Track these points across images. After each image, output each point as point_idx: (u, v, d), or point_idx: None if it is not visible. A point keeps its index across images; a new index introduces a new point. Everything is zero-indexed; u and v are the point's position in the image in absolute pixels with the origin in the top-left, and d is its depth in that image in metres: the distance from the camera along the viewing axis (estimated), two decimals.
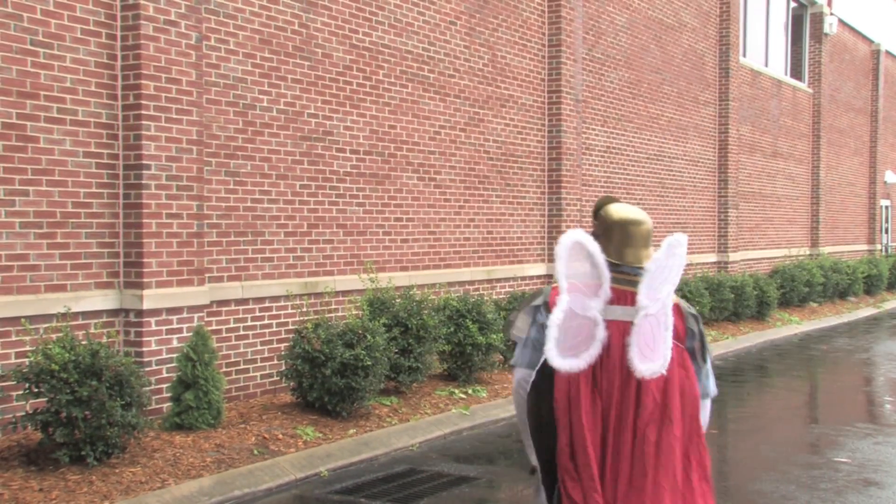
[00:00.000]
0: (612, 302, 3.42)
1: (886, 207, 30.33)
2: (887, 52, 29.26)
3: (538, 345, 3.47)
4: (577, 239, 3.42)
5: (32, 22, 6.68)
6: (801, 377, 11.92)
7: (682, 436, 3.38)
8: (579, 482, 3.29)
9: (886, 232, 30.39)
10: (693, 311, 3.51)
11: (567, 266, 3.48)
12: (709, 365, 3.54)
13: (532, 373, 3.48)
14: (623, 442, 3.30)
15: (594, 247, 3.39)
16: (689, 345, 3.45)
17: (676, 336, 3.37)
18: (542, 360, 3.41)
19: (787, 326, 16.48)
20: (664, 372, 3.28)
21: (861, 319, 19.05)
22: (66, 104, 6.90)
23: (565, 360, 3.33)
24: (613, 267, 3.42)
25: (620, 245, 3.49)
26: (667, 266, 3.33)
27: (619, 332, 3.36)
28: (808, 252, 22.85)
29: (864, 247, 27.69)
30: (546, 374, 3.40)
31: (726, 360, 13.08)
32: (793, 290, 18.47)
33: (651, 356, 3.29)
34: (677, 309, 3.43)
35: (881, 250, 29.07)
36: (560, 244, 3.47)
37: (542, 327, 3.47)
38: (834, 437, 8.15)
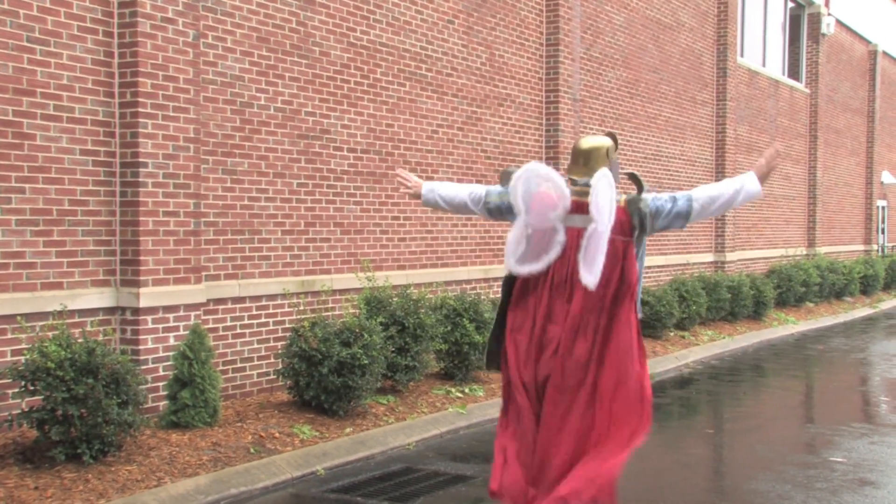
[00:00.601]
0: (571, 211, 4.34)
1: (883, 208, 30.38)
2: (884, 53, 29.29)
3: (493, 204, 4.65)
4: (529, 167, 4.32)
5: (28, 18, 6.66)
6: (797, 377, 11.94)
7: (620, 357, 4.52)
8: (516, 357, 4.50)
9: (883, 232, 30.43)
10: (638, 199, 4.44)
11: (525, 189, 4.27)
12: (664, 201, 4.53)
13: (476, 202, 4.72)
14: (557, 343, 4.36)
15: (546, 169, 4.33)
16: (635, 234, 4.47)
17: (622, 232, 4.38)
18: (490, 209, 4.68)
19: (784, 326, 16.49)
20: (593, 288, 4.17)
21: (857, 319, 19.07)
22: (63, 101, 6.88)
23: (524, 266, 4.31)
24: (571, 182, 4.45)
25: (573, 164, 4.57)
26: (601, 182, 4.25)
27: (575, 236, 4.32)
28: (804, 252, 22.88)
29: (861, 247, 27.73)
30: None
31: (723, 359, 13.09)
32: (789, 290, 18.48)
33: (591, 270, 4.14)
34: (622, 209, 4.38)
35: (877, 251, 29.11)
36: (516, 174, 4.32)
37: (500, 202, 4.60)
38: (830, 437, 8.16)
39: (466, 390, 9.21)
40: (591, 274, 4.16)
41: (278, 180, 8.71)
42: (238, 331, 8.32)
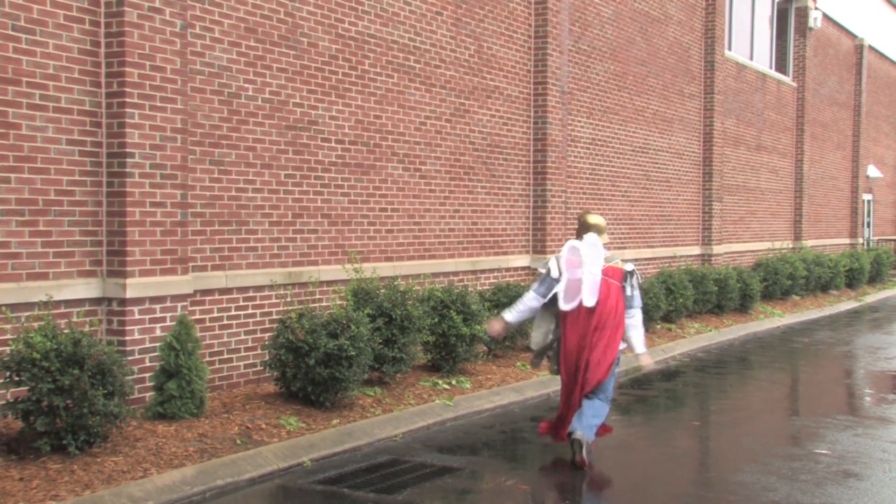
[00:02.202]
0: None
1: (868, 202, 30.54)
2: (871, 47, 29.41)
3: (546, 291, 7.14)
4: (572, 244, 7.10)
5: (14, 7, 6.61)
6: (783, 370, 12.00)
7: (613, 330, 7.00)
8: (565, 357, 7.09)
9: (868, 226, 30.60)
10: (629, 268, 7.14)
11: (567, 255, 7.05)
12: (637, 292, 7.14)
13: (540, 298, 7.17)
14: (587, 335, 6.96)
15: (577, 243, 7.10)
16: (626, 289, 7.07)
17: (617, 279, 7.04)
18: (549, 295, 7.12)
19: (770, 319, 16.57)
20: (592, 305, 6.92)
21: (842, 312, 19.19)
22: (49, 91, 6.84)
23: (567, 304, 6.98)
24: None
25: (589, 233, 7.18)
26: (591, 253, 6.99)
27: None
28: (791, 245, 22.98)
29: (847, 240, 27.88)
30: (554, 303, 7.11)
31: (709, 352, 13.15)
32: (776, 283, 18.57)
33: (590, 297, 6.91)
34: (619, 270, 7.08)
35: (863, 244, 29.27)
36: (564, 247, 7.13)
37: (549, 284, 7.14)
38: (814, 429, 8.21)
39: (453, 382, 9.22)
40: (591, 298, 6.98)
41: (266, 171, 8.68)
42: (225, 322, 8.30)
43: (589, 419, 6.80)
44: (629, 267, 7.12)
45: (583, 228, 7.25)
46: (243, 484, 6.20)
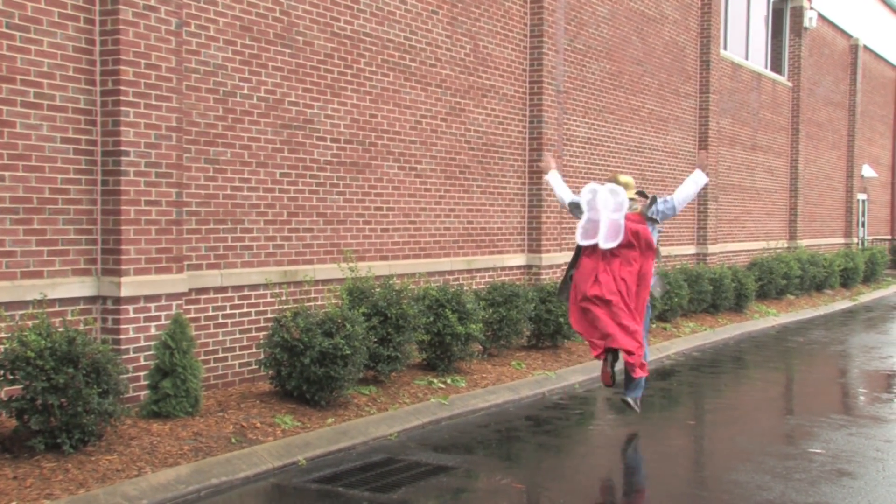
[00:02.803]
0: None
1: (863, 201, 30.60)
2: (865, 47, 29.47)
3: (572, 207, 8.08)
4: (591, 186, 7.83)
5: (8, 4, 6.60)
6: (777, 369, 12.02)
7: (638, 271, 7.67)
8: (578, 286, 7.72)
9: (863, 225, 30.67)
10: (647, 209, 7.79)
11: (587, 199, 7.73)
12: (665, 200, 7.93)
13: (567, 199, 8.27)
14: (602, 270, 7.63)
15: (596, 185, 7.80)
16: (656, 213, 7.81)
17: (640, 221, 7.64)
18: (571, 208, 8.11)
19: (765, 318, 16.60)
20: (609, 247, 7.59)
21: (837, 312, 19.22)
22: (44, 89, 6.83)
23: (584, 240, 7.65)
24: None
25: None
26: (609, 199, 7.64)
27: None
28: (785, 245, 23.02)
29: (841, 240, 27.94)
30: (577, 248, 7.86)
31: (704, 351, 13.17)
32: (770, 282, 18.60)
33: (606, 240, 7.55)
34: (637, 215, 7.73)
35: (857, 244, 29.33)
36: (584, 188, 7.84)
37: (577, 207, 7.94)
38: (809, 428, 8.23)
39: (448, 381, 9.22)
40: (608, 241, 7.63)
41: (261, 170, 8.68)
42: (220, 321, 8.29)
43: (635, 385, 8.02)
44: (645, 207, 7.83)
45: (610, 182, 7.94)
46: (238, 483, 6.19)
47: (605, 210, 7.61)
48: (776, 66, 23.47)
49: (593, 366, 10.93)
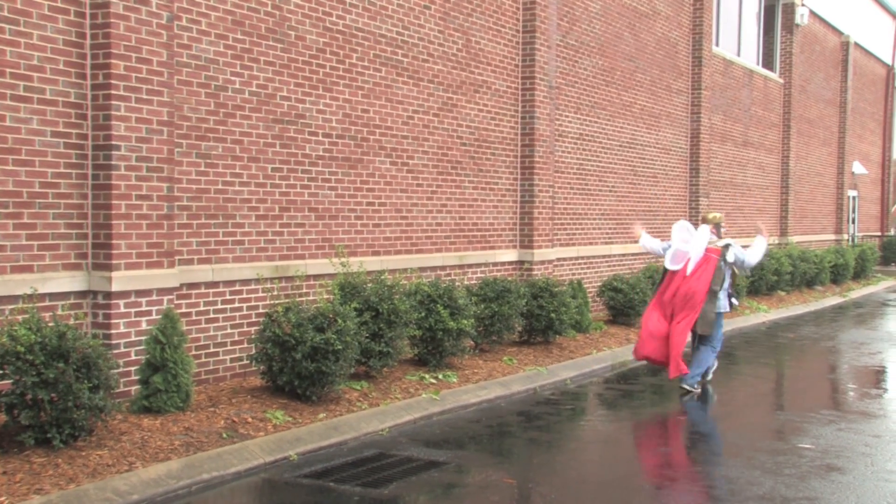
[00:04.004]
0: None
1: (853, 198, 30.70)
2: (856, 44, 29.55)
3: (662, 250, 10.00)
4: (681, 223, 9.93)
5: None
6: (768, 365, 12.05)
7: (700, 294, 9.55)
8: (658, 300, 9.84)
9: (853, 222, 30.77)
10: (727, 253, 9.61)
11: (678, 233, 9.76)
12: (740, 252, 9.72)
13: (661, 251, 10.06)
14: (679, 294, 9.63)
15: (685, 223, 9.96)
16: (726, 257, 9.61)
17: (715, 254, 9.60)
18: (662, 252, 10.01)
19: (756, 314, 16.65)
20: (679, 269, 9.74)
21: (827, 308, 19.29)
22: (34, 82, 6.80)
23: (672, 265, 9.71)
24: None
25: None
26: (678, 236, 9.83)
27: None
28: (776, 241, 23.09)
29: (832, 236, 28.03)
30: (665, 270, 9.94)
31: None
32: (761, 278, 18.65)
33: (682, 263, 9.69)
34: (717, 251, 9.61)
35: (848, 240, 29.42)
36: (676, 225, 9.95)
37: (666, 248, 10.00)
38: (799, 424, 8.26)
39: (440, 376, 9.23)
40: (676, 266, 9.80)
41: (252, 165, 8.66)
42: (211, 315, 8.28)
43: (693, 369, 9.74)
44: (722, 243, 9.70)
45: (701, 220, 10.17)
46: (229, 478, 6.19)
47: (694, 243, 9.72)
48: (768, 62, 23.52)
49: (584, 362, 10.95)
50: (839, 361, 12.37)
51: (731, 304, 10.08)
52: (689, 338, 9.91)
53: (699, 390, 9.73)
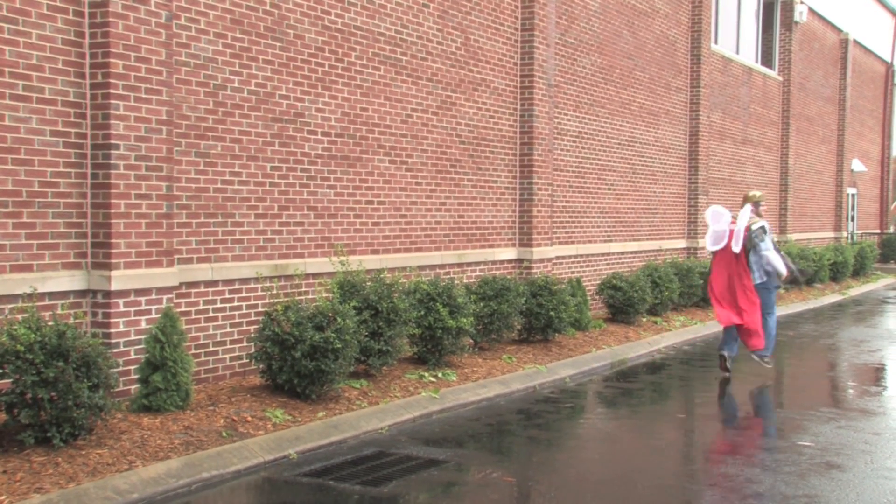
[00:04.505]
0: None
1: (853, 195, 30.70)
2: (856, 42, 29.55)
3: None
4: (713, 207, 10.65)
5: None
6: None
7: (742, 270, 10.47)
8: (714, 291, 10.65)
9: (852, 220, 30.78)
10: (754, 227, 10.39)
11: (711, 216, 10.49)
12: (760, 240, 10.46)
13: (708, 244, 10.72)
14: (728, 274, 10.50)
15: (717, 207, 10.71)
16: (749, 239, 10.36)
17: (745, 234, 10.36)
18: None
19: None
20: (736, 251, 10.37)
21: (826, 306, 19.30)
22: (32, 81, 6.80)
23: (713, 246, 10.44)
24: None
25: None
26: (717, 218, 10.48)
27: (731, 235, 10.34)
28: (776, 239, 23.02)
29: (831, 234, 28.03)
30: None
31: (694, 345, 13.21)
32: None
33: (734, 244, 10.28)
34: (747, 228, 10.34)
35: (847, 238, 29.43)
36: (707, 210, 10.71)
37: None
38: (798, 421, 8.26)
39: (439, 375, 9.23)
40: (737, 246, 10.24)
41: (251, 163, 8.66)
42: (211, 314, 8.28)
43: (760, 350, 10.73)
44: (756, 225, 10.40)
45: (742, 199, 10.92)
46: (229, 476, 6.19)
47: (735, 221, 10.38)
48: (767, 60, 23.51)
49: (584, 360, 10.96)
50: (839, 359, 12.38)
51: (768, 277, 10.58)
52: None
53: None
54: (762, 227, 10.42)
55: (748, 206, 10.51)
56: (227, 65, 8.37)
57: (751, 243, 10.37)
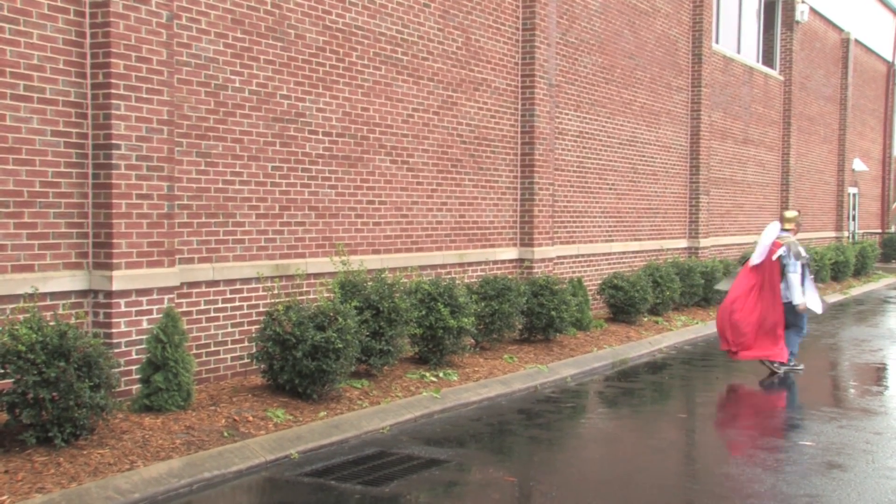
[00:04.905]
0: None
1: (854, 195, 30.68)
2: (857, 41, 29.53)
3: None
4: (770, 224, 10.88)
5: None
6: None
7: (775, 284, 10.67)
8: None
9: (853, 219, 30.75)
10: (787, 246, 10.63)
11: (765, 232, 10.74)
12: (791, 261, 10.60)
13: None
14: (763, 287, 10.71)
15: (774, 222, 10.96)
16: (782, 258, 10.62)
17: (776, 248, 10.66)
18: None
19: None
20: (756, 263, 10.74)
21: (828, 305, 19.27)
22: (34, 82, 6.80)
23: (756, 260, 10.71)
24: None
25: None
26: (764, 234, 10.75)
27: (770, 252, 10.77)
28: (805, 255, 23.03)
29: (832, 234, 28.02)
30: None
31: (696, 344, 13.20)
32: None
33: (756, 258, 10.71)
34: (778, 244, 10.65)
35: (848, 237, 29.40)
36: (767, 226, 10.89)
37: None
38: (799, 421, 8.26)
39: (441, 374, 9.23)
40: (759, 258, 10.70)
41: (252, 163, 8.66)
42: (212, 314, 8.28)
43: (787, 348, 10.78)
44: (784, 242, 10.60)
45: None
46: (230, 476, 6.19)
47: (764, 238, 10.72)
48: (768, 59, 23.50)
49: (585, 359, 10.95)
50: (840, 358, 12.37)
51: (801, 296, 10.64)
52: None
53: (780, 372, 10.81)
54: (787, 248, 10.56)
55: (776, 223, 10.85)
56: (229, 65, 8.38)
57: (785, 261, 10.61)
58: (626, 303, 13.46)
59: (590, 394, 9.61)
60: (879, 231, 34.03)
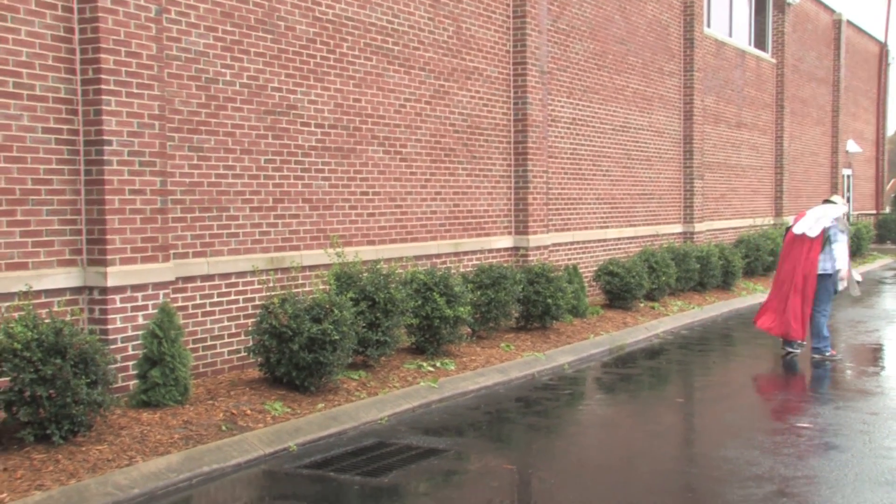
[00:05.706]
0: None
1: (848, 177, 30.71)
2: (849, 22, 29.50)
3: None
4: (837, 197, 11.27)
5: None
6: (765, 345, 12.07)
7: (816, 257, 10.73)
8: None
9: (848, 200, 30.78)
10: (831, 224, 10.68)
11: (833, 207, 10.85)
12: (835, 233, 10.64)
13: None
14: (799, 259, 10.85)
15: (841, 200, 11.27)
16: (827, 233, 10.61)
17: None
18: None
19: (752, 295, 16.67)
20: (807, 234, 10.75)
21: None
22: (23, 79, 6.77)
23: (799, 231, 10.88)
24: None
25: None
26: (816, 214, 10.81)
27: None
28: (772, 221, 23.10)
29: None
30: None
31: (692, 329, 13.23)
32: (757, 259, 18.67)
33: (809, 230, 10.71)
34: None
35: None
36: (833, 199, 11.24)
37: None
38: (796, 403, 8.28)
39: (438, 364, 9.24)
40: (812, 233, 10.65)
41: (245, 157, 8.64)
42: (208, 308, 8.28)
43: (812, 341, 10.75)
44: (832, 218, 10.63)
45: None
46: (229, 470, 6.20)
47: (815, 215, 10.82)
48: (760, 42, 23.47)
49: (582, 346, 10.97)
50: (836, 340, 12.39)
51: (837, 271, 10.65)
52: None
53: (816, 356, 10.69)
54: (837, 220, 10.64)
55: (841, 199, 11.26)
56: (219, 58, 8.35)
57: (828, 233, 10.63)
58: (622, 289, 13.48)
59: (587, 380, 9.63)
60: (874, 212, 34.08)
